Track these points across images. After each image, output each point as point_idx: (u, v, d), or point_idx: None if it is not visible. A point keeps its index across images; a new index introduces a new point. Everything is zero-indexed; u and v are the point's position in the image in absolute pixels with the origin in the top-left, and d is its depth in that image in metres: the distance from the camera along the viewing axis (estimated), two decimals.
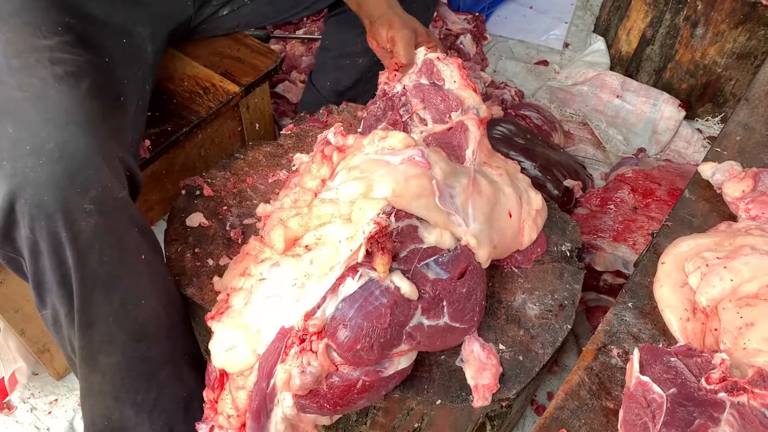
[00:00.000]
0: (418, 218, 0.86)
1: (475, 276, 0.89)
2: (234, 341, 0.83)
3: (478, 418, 0.94)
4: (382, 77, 1.12)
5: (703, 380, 0.72)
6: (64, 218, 0.76)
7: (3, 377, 1.27)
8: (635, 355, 0.76)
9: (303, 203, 0.93)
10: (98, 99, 0.85)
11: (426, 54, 1.09)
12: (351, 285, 0.81)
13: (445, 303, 0.86)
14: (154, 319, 0.91)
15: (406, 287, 0.82)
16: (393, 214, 0.83)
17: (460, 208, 0.90)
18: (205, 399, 0.91)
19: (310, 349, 0.79)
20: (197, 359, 1.03)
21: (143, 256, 0.86)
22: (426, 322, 0.85)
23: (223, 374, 0.88)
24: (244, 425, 0.86)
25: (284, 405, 0.82)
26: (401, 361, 0.85)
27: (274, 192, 1.10)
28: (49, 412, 1.31)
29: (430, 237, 0.87)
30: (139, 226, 0.86)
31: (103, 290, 0.83)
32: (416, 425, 0.94)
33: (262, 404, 0.82)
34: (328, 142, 1.00)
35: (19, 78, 0.81)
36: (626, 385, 0.76)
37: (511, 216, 0.98)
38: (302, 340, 0.79)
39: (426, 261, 0.86)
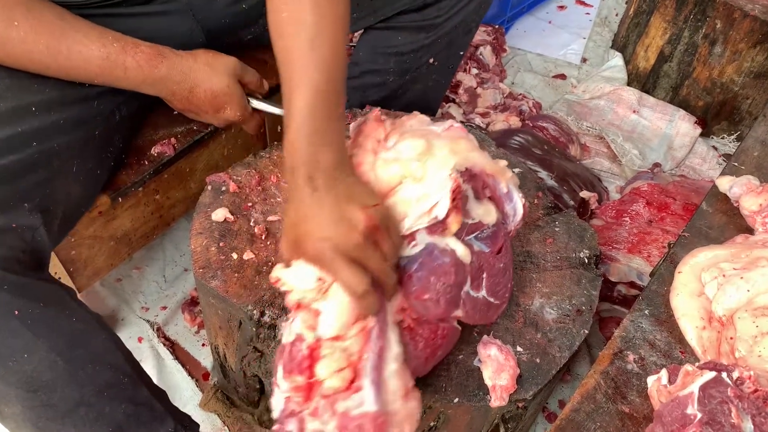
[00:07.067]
0: (466, 193, 0.89)
1: (508, 254, 0.93)
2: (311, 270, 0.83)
3: (494, 419, 0.96)
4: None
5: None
6: None
7: None
8: None
9: (369, 165, 0.92)
10: None
11: None
12: (408, 249, 0.85)
13: (485, 275, 0.89)
14: (46, 368, 0.87)
15: (461, 250, 0.85)
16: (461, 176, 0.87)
17: None
18: (289, 387, 0.82)
19: None
20: (124, 388, 0.97)
21: (17, 312, 0.84)
22: (471, 292, 0.88)
23: (313, 348, 0.81)
24: (352, 381, 0.80)
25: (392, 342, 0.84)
26: (455, 323, 0.89)
27: None
28: None
29: (478, 210, 0.89)
30: (8, 284, 0.83)
31: None
32: (432, 424, 0.96)
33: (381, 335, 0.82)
34: (365, 122, 0.98)
35: None
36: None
37: None
38: None
39: (470, 236, 0.88)
